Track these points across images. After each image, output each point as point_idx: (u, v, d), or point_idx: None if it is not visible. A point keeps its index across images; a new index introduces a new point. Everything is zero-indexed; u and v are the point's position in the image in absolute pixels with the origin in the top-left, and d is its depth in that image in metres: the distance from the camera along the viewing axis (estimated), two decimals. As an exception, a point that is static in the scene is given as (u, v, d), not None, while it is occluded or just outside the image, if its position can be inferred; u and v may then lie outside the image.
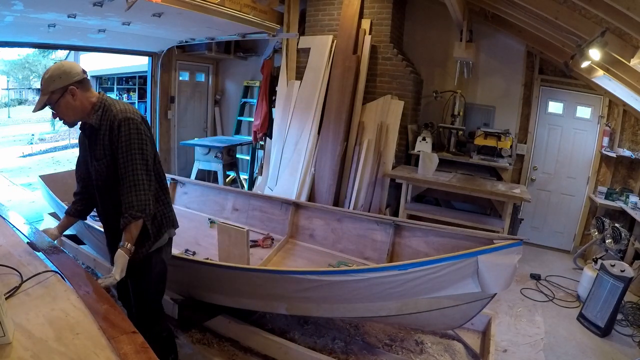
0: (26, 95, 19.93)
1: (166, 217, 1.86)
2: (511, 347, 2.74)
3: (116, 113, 1.66)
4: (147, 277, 1.82)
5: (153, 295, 1.87)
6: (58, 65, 1.65)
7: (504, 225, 3.72)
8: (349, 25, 4.41)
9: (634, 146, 4.19)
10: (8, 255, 1.56)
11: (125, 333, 1.17)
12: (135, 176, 1.63)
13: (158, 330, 1.88)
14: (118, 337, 1.14)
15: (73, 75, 1.63)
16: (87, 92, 1.69)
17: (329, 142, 4.43)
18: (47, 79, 1.61)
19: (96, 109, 1.69)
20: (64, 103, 1.63)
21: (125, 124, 1.64)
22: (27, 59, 17.69)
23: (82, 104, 1.67)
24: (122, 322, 1.22)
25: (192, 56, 5.83)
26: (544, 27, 3.51)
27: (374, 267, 2.25)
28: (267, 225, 3.65)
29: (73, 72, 1.63)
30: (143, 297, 1.85)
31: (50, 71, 1.63)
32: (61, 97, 1.62)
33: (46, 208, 4.14)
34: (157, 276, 1.85)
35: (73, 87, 1.62)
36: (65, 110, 1.66)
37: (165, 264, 1.89)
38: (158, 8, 3.21)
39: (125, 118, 1.65)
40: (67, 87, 1.61)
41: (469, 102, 4.74)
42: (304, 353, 2.31)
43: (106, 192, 1.75)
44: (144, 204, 1.63)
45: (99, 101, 1.71)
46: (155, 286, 1.87)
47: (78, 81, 1.64)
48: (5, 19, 3.28)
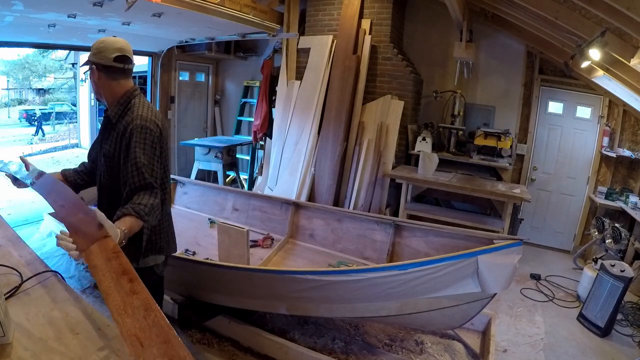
0: (26, 95, 19.94)
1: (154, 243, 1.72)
2: (511, 347, 2.74)
3: (135, 117, 1.54)
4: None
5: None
6: (102, 40, 1.59)
7: (504, 225, 3.72)
8: (349, 25, 4.41)
9: (634, 146, 4.19)
10: (8, 255, 1.56)
11: (95, 241, 1.14)
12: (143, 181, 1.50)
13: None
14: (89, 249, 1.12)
15: (101, 57, 1.56)
16: (112, 80, 1.59)
17: (329, 142, 4.43)
18: (92, 45, 1.59)
19: (119, 103, 1.60)
20: (91, 76, 1.62)
21: (138, 131, 1.52)
22: (27, 59, 17.72)
23: (103, 87, 1.60)
24: (93, 230, 1.18)
25: (192, 56, 5.82)
26: (544, 27, 3.51)
27: (374, 267, 2.25)
28: (267, 225, 3.65)
29: (102, 54, 1.55)
30: None
31: (96, 42, 1.59)
32: (90, 70, 1.61)
33: (46, 208, 4.14)
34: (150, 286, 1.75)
35: (95, 67, 1.57)
36: (91, 82, 1.65)
37: (158, 275, 1.80)
38: (158, 8, 3.21)
39: (140, 126, 1.53)
40: (92, 63, 1.58)
41: (469, 102, 4.74)
42: (304, 353, 2.31)
43: (105, 189, 1.68)
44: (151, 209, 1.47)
45: (127, 96, 1.61)
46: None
47: (104, 65, 1.56)
48: (5, 19, 3.28)
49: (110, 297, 0.99)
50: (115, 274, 1.06)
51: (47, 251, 3.52)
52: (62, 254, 3.48)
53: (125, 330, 0.90)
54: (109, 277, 1.05)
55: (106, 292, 1.01)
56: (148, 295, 1.00)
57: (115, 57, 1.56)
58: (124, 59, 1.58)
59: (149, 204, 1.47)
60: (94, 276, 1.08)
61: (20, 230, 3.75)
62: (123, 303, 0.97)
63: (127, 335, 0.88)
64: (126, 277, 1.04)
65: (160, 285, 1.85)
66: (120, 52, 1.57)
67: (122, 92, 1.61)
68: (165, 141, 1.66)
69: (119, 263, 1.07)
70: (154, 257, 1.74)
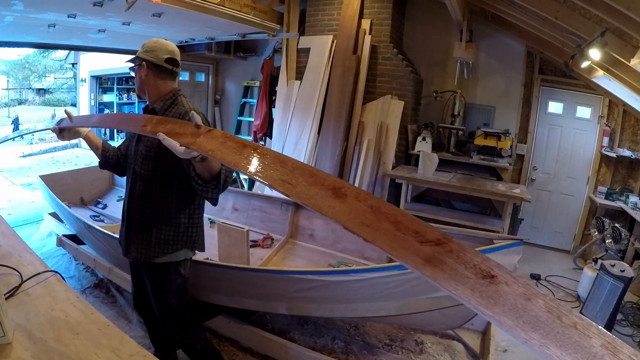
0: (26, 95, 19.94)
1: (188, 236, 1.74)
2: (511, 347, 2.74)
3: (188, 110, 1.60)
4: (167, 289, 1.75)
5: (177, 309, 1.79)
6: (155, 40, 1.67)
7: (504, 225, 3.72)
8: (349, 25, 4.41)
9: (634, 146, 4.19)
10: (8, 255, 1.56)
11: (199, 135, 1.11)
12: None
13: (191, 342, 1.84)
14: (195, 141, 1.09)
15: (154, 55, 1.63)
16: (159, 79, 1.66)
17: (329, 142, 4.43)
18: (143, 44, 1.66)
19: (165, 99, 1.67)
20: (137, 71, 1.67)
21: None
22: (27, 59, 17.71)
23: (149, 84, 1.66)
24: (192, 129, 1.14)
25: (192, 56, 5.83)
26: (544, 27, 3.51)
27: (374, 267, 2.24)
28: (267, 225, 3.65)
29: (155, 53, 1.63)
30: (167, 311, 1.79)
31: (149, 41, 1.67)
32: (138, 66, 1.66)
33: (46, 208, 4.14)
34: (177, 289, 1.77)
35: (146, 64, 1.63)
36: (135, 79, 1.70)
37: (185, 278, 1.80)
38: (158, 8, 3.21)
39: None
40: (143, 59, 1.64)
41: (469, 102, 4.74)
42: (304, 353, 2.31)
43: (139, 177, 1.67)
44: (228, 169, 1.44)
45: (172, 93, 1.68)
46: (177, 300, 1.78)
47: (154, 64, 1.63)
48: (5, 19, 3.28)
49: (241, 166, 0.97)
50: (235, 148, 1.02)
51: (47, 251, 3.52)
52: (62, 254, 3.49)
53: (271, 181, 0.89)
54: (231, 152, 1.01)
55: (235, 164, 0.98)
56: (273, 152, 0.99)
57: (167, 59, 1.64)
58: (173, 62, 1.67)
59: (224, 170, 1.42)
60: (215, 157, 1.03)
61: (20, 230, 3.76)
62: (256, 165, 0.96)
63: (275, 183, 0.88)
64: (249, 147, 1.01)
65: (185, 289, 1.82)
66: (171, 54, 1.66)
67: (167, 90, 1.68)
68: None
69: (234, 141, 1.04)
70: (185, 252, 1.75)
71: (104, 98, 9.89)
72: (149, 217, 1.67)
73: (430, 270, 0.63)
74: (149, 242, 1.67)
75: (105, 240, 2.84)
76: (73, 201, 4.08)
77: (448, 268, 0.62)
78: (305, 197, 0.83)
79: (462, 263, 0.63)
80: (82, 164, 7.50)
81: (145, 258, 1.69)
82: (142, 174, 1.66)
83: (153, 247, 1.67)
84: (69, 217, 3.31)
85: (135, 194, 1.70)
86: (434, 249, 0.65)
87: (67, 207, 3.36)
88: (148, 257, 1.68)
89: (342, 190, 0.82)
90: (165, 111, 1.64)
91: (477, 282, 0.60)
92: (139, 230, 1.68)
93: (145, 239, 1.67)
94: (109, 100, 10.00)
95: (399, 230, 0.71)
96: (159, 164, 1.62)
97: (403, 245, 0.68)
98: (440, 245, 0.66)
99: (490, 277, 0.60)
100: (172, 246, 1.69)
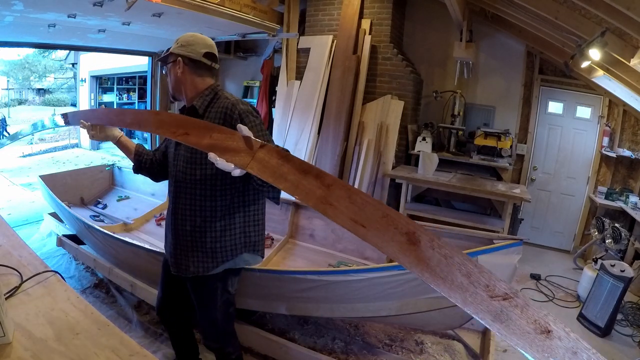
0: (26, 95, 19.94)
1: (247, 237, 1.63)
2: (511, 347, 2.73)
3: (235, 102, 1.48)
4: (213, 303, 1.66)
5: (222, 322, 1.72)
6: (191, 34, 1.56)
7: (504, 225, 3.72)
8: (349, 25, 4.41)
9: (634, 146, 4.19)
10: (8, 255, 1.56)
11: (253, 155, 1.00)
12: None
13: (229, 352, 1.79)
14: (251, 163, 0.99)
15: (191, 50, 1.52)
16: (197, 76, 1.54)
17: (329, 142, 4.43)
18: (177, 39, 1.55)
19: (204, 95, 1.54)
20: (172, 69, 1.56)
21: (244, 114, 1.45)
22: (27, 59, 17.72)
23: (185, 82, 1.55)
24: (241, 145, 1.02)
25: (192, 56, 5.83)
26: (544, 27, 3.51)
27: (374, 267, 2.24)
28: (267, 225, 3.60)
29: (192, 47, 1.52)
30: (211, 322, 1.72)
31: (184, 35, 1.56)
32: (172, 62, 1.55)
33: (46, 208, 4.14)
34: (224, 304, 1.68)
35: (182, 60, 1.52)
36: (170, 76, 1.59)
37: (232, 295, 1.72)
38: (158, 8, 3.21)
39: (244, 110, 1.46)
40: (178, 55, 1.53)
41: (469, 102, 4.74)
42: (304, 353, 2.31)
43: (182, 184, 1.57)
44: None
45: (211, 88, 1.56)
46: (222, 314, 1.70)
47: (191, 59, 1.52)
48: (5, 19, 3.28)
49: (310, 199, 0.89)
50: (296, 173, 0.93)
51: (47, 251, 3.52)
52: (62, 254, 3.49)
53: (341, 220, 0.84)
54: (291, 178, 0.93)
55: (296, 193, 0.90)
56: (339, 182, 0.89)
57: (205, 53, 1.53)
58: (212, 57, 1.56)
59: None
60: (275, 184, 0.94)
61: (20, 230, 3.76)
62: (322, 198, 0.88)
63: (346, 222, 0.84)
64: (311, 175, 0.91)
65: (232, 303, 1.73)
66: (210, 49, 1.55)
67: (205, 86, 1.56)
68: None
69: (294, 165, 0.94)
70: (247, 256, 1.64)
71: (104, 98, 9.91)
72: (200, 226, 1.54)
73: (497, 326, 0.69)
74: (206, 252, 1.55)
75: (105, 240, 2.84)
76: (73, 201, 4.08)
77: (513, 324, 0.68)
78: (380, 242, 0.80)
79: (524, 318, 0.68)
80: (82, 164, 7.51)
81: (204, 271, 1.56)
82: (187, 180, 1.54)
83: (211, 257, 1.56)
84: (69, 217, 3.31)
85: (180, 203, 1.56)
86: (502, 304, 0.69)
87: (67, 207, 3.36)
88: (208, 269, 1.56)
89: (415, 235, 0.79)
90: (207, 107, 1.52)
91: (535, 337, 0.67)
92: (192, 242, 1.55)
93: (201, 250, 1.55)
94: (109, 100, 10.01)
95: (472, 283, 0.73)
96: (206, 166, 1.49)
97: (475, 300, 0.72)
98: (507, 300, 0.70)
99: (547, 332, 0.67)
100: (232, 252, 1.58)
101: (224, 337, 1.77)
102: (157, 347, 2.41)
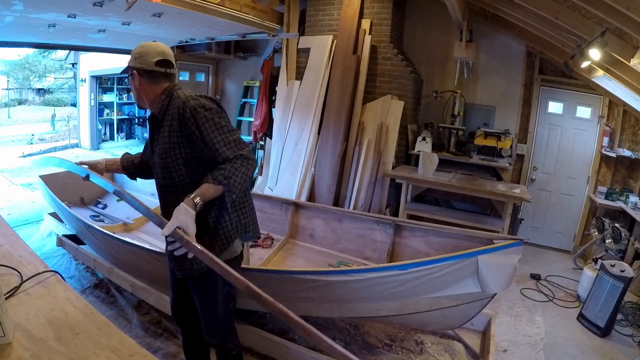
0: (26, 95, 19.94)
1: (239, 223, 1.65)
2: (511, 347, 2.74)
3: (185, 100, 1.50)
4: (214, 298, 1.69)
5: (222, 316, 1.74)
6: (142, 44, 1.59)
7: (504, 225, 3.72)
8: (349, 25, 4.41)
9: (634, 146, 4.19)
10: (8, 255, 1.56)
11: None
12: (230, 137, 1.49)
13: (229, 348, 1.81)
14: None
15: (143, 61, 1.55)
16: (154, 84, 1.58)
17: (329, 142, 4.43)
18: (132, 52, 1.59)
19: (161, 100, 1.58)
20: (131, 81, 1.62)
21: (195, 109, 1.48)
22: (27, 59, 17.70)
23: (145, 92, 1.59)
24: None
25: (192, 56, 5.83)
26: (544, 27, 3.51)
27: (374, 267, 2.24)
28: (267, 225, 3.65)
29: (144, 59, 1.55)
30: (212, 318, 1.74)
31: (137, 47, 1.59)
32: (130, 75, 1.60)
33: (46, 208, 4.14)
34: (224, 298, 1.70)
35: (136, 73, 1.57)
36: (131, 87, 1.63)
37: (233, 289, 1.73)
38: (158, 8, 3.21)
39: (194, 105, 1.48)
40: (134, 68, 1.57)
41: (469, 102, 4.74)
42: (304, 353, 2.31)
43: (163, 189, 1.63)
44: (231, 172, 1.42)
45: (168, 91, 1.59)
46: (223, 308, 1.73)
47: (145, 70, 1.55)
48: (5, 19, 3.28)
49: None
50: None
51: (47, 251, 3.52)
52: (62, 254, 3.49)
53: None
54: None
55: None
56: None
57: (157, 62, 1.56)
58: (166, 63, 1.58)
59: (228, 168, 1.42)
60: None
61: (20, 230, 3.76)
62: None
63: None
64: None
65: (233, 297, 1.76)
66: (162, 56, 1.57)
67: (162, 90, 1.60)
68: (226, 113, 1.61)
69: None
70: (239, 242, 1.66)
71: (104, 98, 9.89)
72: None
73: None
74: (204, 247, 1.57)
75: (105, 240, 2.84)
76: (73, 201, 4.08)
77: None
78: None
79: None
80: (82, 164, 7.49)
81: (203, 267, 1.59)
82: (168, 184, 1.59)
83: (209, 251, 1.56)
84: (69, 217, 3.31)
85: (169, 207, 1.57)
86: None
87: (67, 207, 3.36)
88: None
89: None
90: (165, 111, 1.56)
91: None
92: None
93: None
94: (109, 100, 10.00)
95: None
96: (180, 168, 1.54)
97: None
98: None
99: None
100: (227, 240, 1.61)
101: (225, 333, 1.79)
102: (157, 347, 2.41)
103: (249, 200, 1.73)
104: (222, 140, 1.48)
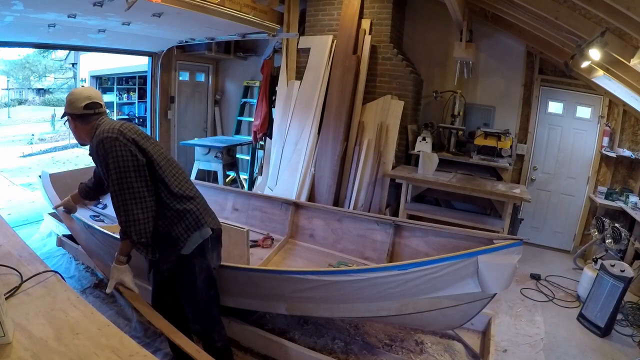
0: (26, 95, 19.94)
1: (186, 221, 1.76)
2: (511, 347, 2.74)
3: (96, 136, 1.68)
4: (193, 283, 1.80)
5: (204, 302, 1.84)
6: (71, 92, 1.79)
7: (504, 225, 3.72)
8: (349, 25, 4.41)
9: (634, 146, 4.19)
10: (8, 255, 1.56)
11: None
12: (120, 198, 1.62)
13: (213, 338, 1.86)
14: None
15: (73, 107, 1.74)
16: (86, 124, 1.76)
17: (329, 142, 4.43)
18: (65, 99, 1.81)
19: (91, 137, 1.75)
20: (69, 125, 1.82)
21: (101, 145, 1.63)
22: (27, 59, 17.70)
23: (81, 132, 1.78)
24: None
25: (192, 56, 5.82)
26: (544, 27, 3.51)
27: (374, 267, 2.24)
28: (267, 225, 3.65)
29: (74, 105, 1.74)
30: (194, 304, 1.83)
31: (67, 95, 1.79)
32: (68, 120, 1.81)
33: (46, 208, 4.14)
34: (203, 283, 1.81)
35: (70, 118, 1.78)
36: (70, 130, 1.86)
37: (212, 271, 1.85)
38: (158, 8, 3.21)
39: (100, 140, 1.64)
40: (68, 114, 1.78)
41: (469, 102, 4.74)
42: (304, 353, 2.31)
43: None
44: (127, 227, 1.62)
45: (94, 126, 1.75)
46: (204, 293, 1.83)
47: (77, 115, 1.74)
48: (5, 19, 3.28)
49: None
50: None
51: (47, 251, 3.52)
52: (62, 254, 3.49)
53: None
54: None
55: None
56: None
57: (85, 105, 1.74)
58: (94, 105, 1.76)
59: (122, 221, 1.62)
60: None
61: (20, 230, 3.76)
62: None
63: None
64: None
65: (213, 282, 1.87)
66: (89, 99, 1.75)
67: (93, 127, 1.76)
68: (143, 136, 1.75)
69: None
70: (197, 236, 1.76)
71: (103, 98, 9.90)
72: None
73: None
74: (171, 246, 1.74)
75: (106, 240, 2.83)
76: (73, 201, 4.07)
77: None
78: None
79: None
80: (82, 164, 7.50)
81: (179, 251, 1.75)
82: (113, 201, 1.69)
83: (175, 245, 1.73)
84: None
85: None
86: None
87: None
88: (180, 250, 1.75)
89: None
90: (96, 148, 1.69)
91: None
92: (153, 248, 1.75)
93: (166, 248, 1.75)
94: (109, 100, 10.00)
95: None
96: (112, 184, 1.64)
97: None
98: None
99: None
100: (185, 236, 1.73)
101: (207, 320, 1.85)
102: (157, 347, 2.41)
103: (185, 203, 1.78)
104: (114, 203, 1.65)
